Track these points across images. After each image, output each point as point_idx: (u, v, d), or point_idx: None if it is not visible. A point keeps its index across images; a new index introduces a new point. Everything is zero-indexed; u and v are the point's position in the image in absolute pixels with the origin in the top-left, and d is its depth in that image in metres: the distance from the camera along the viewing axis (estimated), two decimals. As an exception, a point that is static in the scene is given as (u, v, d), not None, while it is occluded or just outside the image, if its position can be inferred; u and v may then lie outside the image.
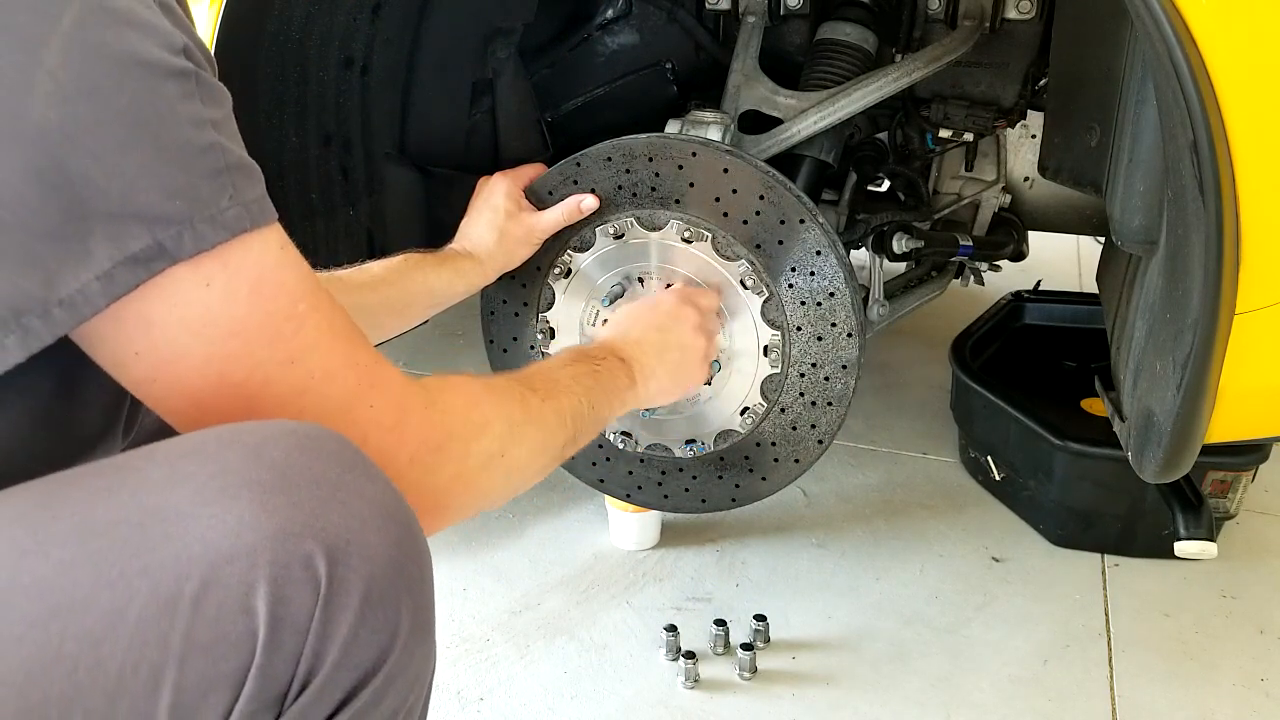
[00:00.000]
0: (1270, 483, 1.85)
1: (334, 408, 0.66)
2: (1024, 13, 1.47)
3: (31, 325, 0.55)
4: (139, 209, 0.56)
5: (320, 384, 0.65)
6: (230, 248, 0.59)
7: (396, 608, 0.58)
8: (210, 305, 0.59)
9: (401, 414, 0.70)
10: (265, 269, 0.62)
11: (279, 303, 0.63)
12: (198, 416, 0.63)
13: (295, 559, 0.54)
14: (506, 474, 0.81)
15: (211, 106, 0.60)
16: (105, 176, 0.55)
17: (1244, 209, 0.91)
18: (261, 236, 0.62)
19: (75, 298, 0.56)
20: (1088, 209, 1.84)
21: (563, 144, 1.71)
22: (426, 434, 0.71)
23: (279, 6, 1.31)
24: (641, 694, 1.37)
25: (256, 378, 0.62)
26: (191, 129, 0.58)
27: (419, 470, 0.71)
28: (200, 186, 0.58)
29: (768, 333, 1.32)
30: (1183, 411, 1.02)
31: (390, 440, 0.69)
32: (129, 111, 0.55)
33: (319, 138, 1.47)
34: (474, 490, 0.77)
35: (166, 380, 0.61)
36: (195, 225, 0.58)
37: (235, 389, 0.62)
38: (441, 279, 1.26)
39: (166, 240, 0.57)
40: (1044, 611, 1.54)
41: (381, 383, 0.69)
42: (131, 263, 0.56)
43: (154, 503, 0.54)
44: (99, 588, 0.51)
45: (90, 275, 0.55)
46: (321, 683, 0.55)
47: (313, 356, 0.65)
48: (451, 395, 0.76)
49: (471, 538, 1.73)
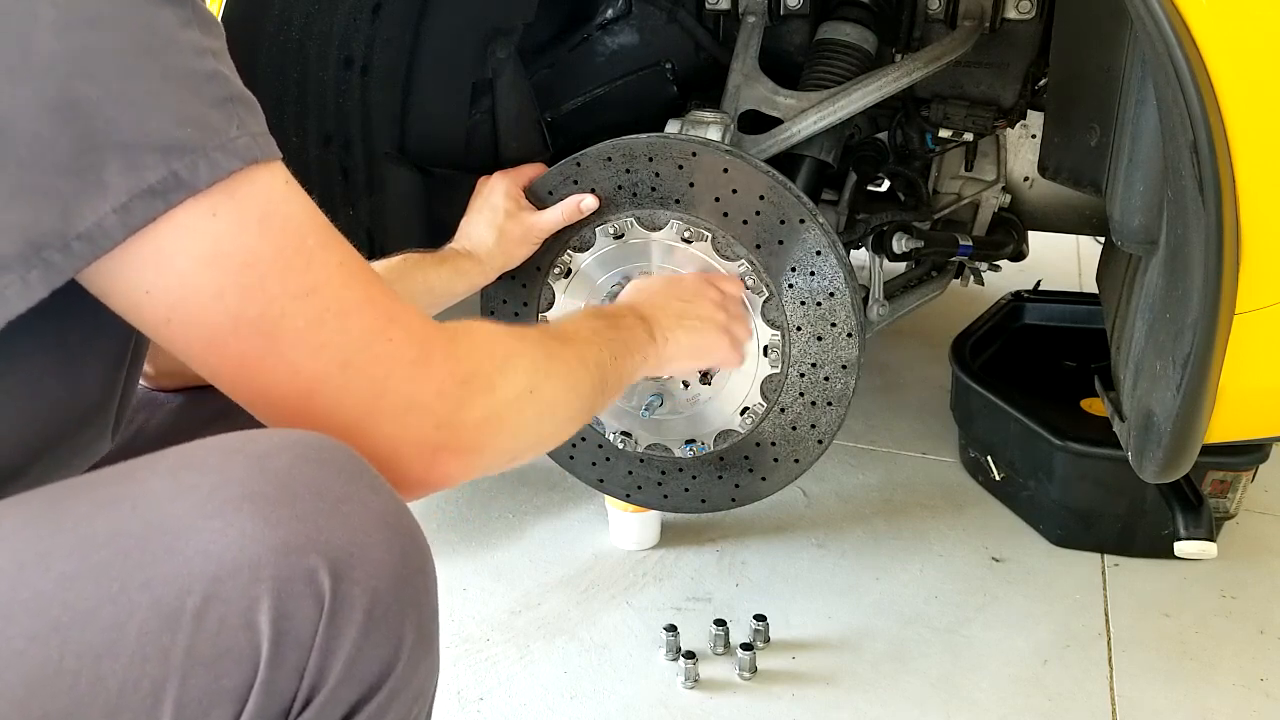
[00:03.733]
0: (1270, 483, 1.84)
1: (353, 342, 0.64)
2: (1024, 13, 1.47)
3: (53, 259, 0.54)
4: (151, 137, 0.55)
5: (337, 318, 0.63)
6: (238, 179, 0.58)
7: (401, 622, 0.57)
8: (219, 236, 0.58)
9: (424, 348, 0.68)
10: (272, 202, 0.61)
11: (288, 236, 0.61)
12: (221, 361, 0.61)
13: (299, 573, 0.53)
14: (538, 412, 0.78)
15: (210, 36, 0.59)
16: (115, 104, 0.54)
17: (1244, 209, 0.91)
18: (268, 169, 0.61)
19: (93, 230, 0.55)
20: (1088, 209, 1.84)
21: (563, 144, 1.71)
22: (452, 367, 0.69)
23: (279, 6, 1.31)
24: (641, 694, 1.37)
25: (272, 311, 0.61)
26: (194, 56, 0.58)
27: (449, 404, 0.68)
28: (209, 114, 0.57)
29: (767, 332, 1.32)
30: (1183, 411, 1.02)
31: (415, 374, 0.66)
32: (133, 38, 0.55)
33: (319, 138, 1.47)
34: (507, 427, 0.74)
35: (181, 319, 0.59)
36: (209, 154, 0.57)
37: (252, 324, 0.60)
38: (441, 278, 1.26)
39: (181, 169, 0.56)
40: (1044, 611, 1.54)
41: (400, 318, 0.67)
42: (149, 194, 0.55)
43: (156, 515, 0.53)
44: (100, 602, 0.51)
45: (107, 207, 0.54)
46: (325, 698, 0.55)
47: (327, 290, 0.63)
48: (473, 334, 0.74)
49: (471, 538, 1.73)
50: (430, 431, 0.67)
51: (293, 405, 0.64)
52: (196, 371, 0.64)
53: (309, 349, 0.63)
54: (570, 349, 0.88)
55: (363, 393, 0.65)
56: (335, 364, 0.64)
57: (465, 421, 0.69)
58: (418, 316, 0.69)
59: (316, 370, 0.63)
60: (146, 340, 0.72)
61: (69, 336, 0.63)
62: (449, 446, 0.69)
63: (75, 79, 0.53)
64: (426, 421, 0.67)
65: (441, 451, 0.68)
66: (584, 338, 0.93)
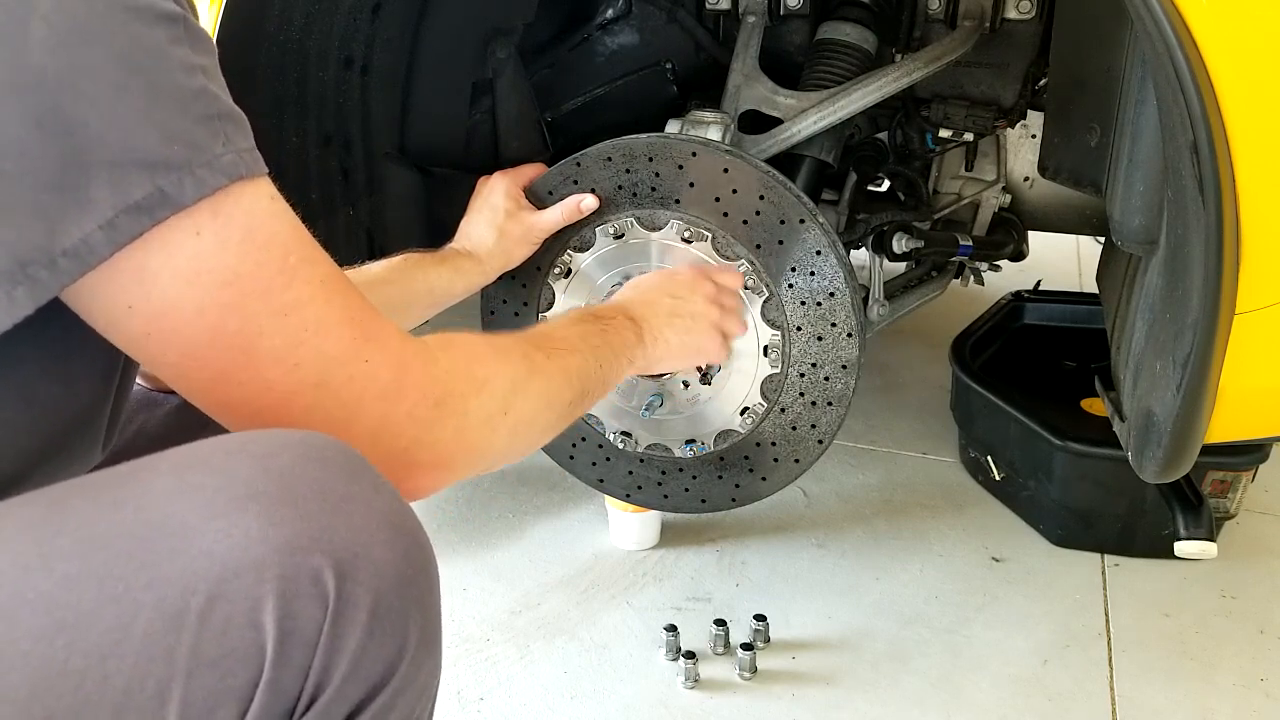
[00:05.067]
0: (1270, 483, 1.84)
1: (330, 362, 0.65)
2: (1024, 13, 1.47)
3: (39, 276, 0.55)
4: (138, 154, 0.55)
5: (315, 337, 0.64)
6: (222, 196, 0.59)
7: (404, 621, 0.57)
8: (201, 253, 0.58)
9: (399, 369, 0.68)
10: (256, 218, 0.61)
11: (271, 253, 0.62)
12: (195, 372, 0.62)
13: (303, 573, 0.53)
14: (511, 431, 0.79)
15: (200, 53, 0.60)
16: (103, 121, 0.54)
17: (1244, 209, 0.91)
18: (254, 186, 0.61)
19: (79, 247, 0.55)
20: (1088, 209, 1.84)
21: (563, 144, 1.71)
22: (426, 388, 0.70)
23: (279, 6, 1.31)
24: (641, 694, 1.37)
25: (250, 329, 0.61)
26: (183, 74, 0.58)
27: (418, 426, 0.69)
28: (196, 132, 0.58)
29: (768, 333, 1.32)
30: (1183, 411, 1.02)
31: (389, 394, 0.67)
32: (123, 55, 0.55)
33: (319, 138, 1.47)
34: (477, 448, 0.75)
35: (161, 333, 0.60)
36: (194, 171, 0.57)
37: (230, 340, 0.61)
38: (441, 278, 1.26)
39: (168, 186, 0.56)
40: (1044, 611, 1.54)
41: (379, 338, 0.68)
42: (135, 211, 0.55)
43: (159, 515, 0.53)
44: (104, 602, 0.51)
45: (93, 224, 0.55)
46: (330, 697, 0.55)
47: (307, 309, 0.63)
48: (453, 352, 0.75)
49: (471, 538, 1.73)
50: (400, 453, 0.69)
51: (263, 419, 0.64)
52: (165, 381, 0.64)
53: (284, 367, 0.63)
54: (554, 361, 0.88)
55: (334, 413, 0.65)
56: (309, 383, 0.64)
57: (435, 441, 0.71)
58: (397, 335, 0.70)
59: (290, 388, 0.64)
60: None
61: (60, 346, 0.63)
62: (419, 464, 0.70)
63: (64, 95, 0.53)
64: (396, 444, 0.68)
65: (412, 468, 0.70)
66: (571, 345, 0.94)
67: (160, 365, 0.62)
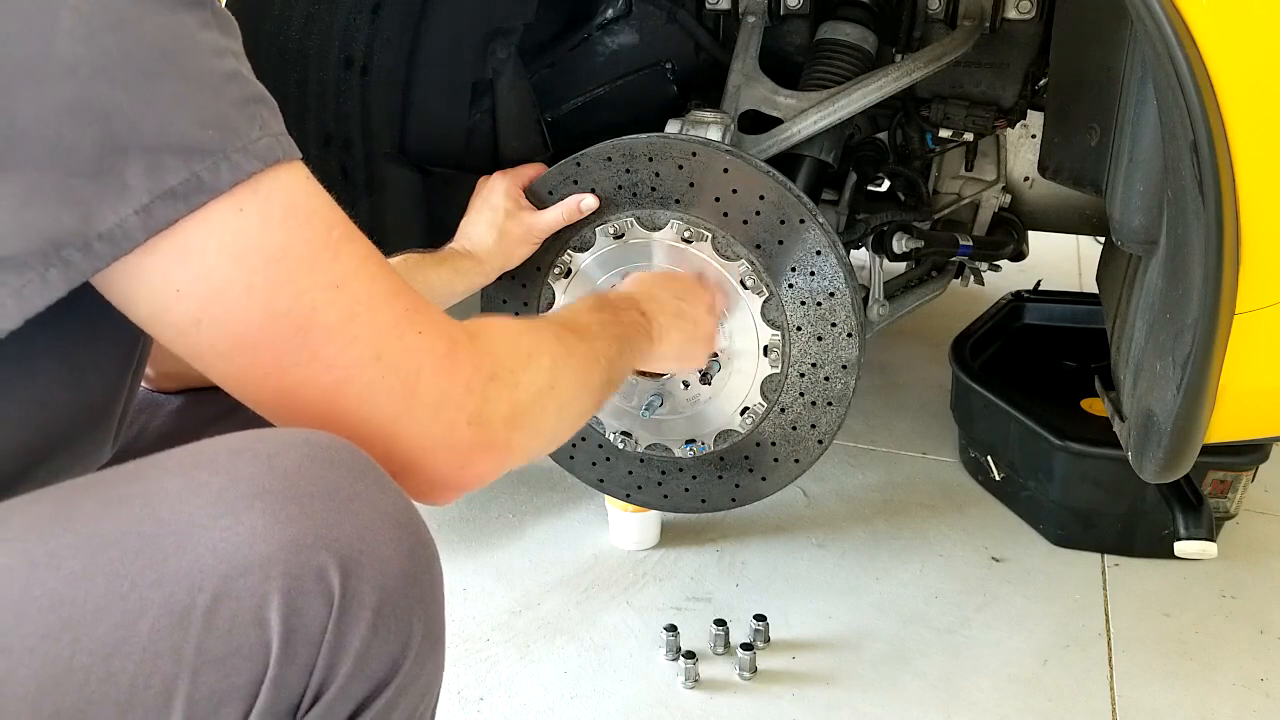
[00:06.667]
0: (1270, 483, 1.85)
1: (385, 335, 0.64)
2: (1024, 13, 1.47)
3: (72, 258, 0.54)
4: (173, 140, 0.55)
5: (367, 310, 0.63)
6: (263, 176, 0.59)
7: (409, 619, 0.58)
8: (247, 231, 0.58)
9: (451, 342, 0.68)
10: (296, 197, 0.61)
11: (314, 229, 0.61)
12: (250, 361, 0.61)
13: (309, 571, 0.54)
14: (559, 408, 0.78)
15: (228, 36, 0.60)
16: (137, 108, 0.54)
17: (1244, 209, 0.91)
18: (290, 168, 0.61)
19: (114, 231, 0.55)
20: (1088, 209, 1.84)
21: (563, 144, 1.71)
22: (478, 361, 0.69)
23: (279, 6, 1.31)
24: (641, 694, 1.37)
25: (303, 304, 0.60)
26: (214, 57, 0.58)
27: (477, 399, 0.68)
28: (230, 115, 0.58)
29: (768, 333, 1.32)
30: (1183, 411, 1.02)
31: (445, 367, 0.66)
32: (154, 41, 0.55)
33: (319, 138, 1.47)
34: (531, 423, 0.73)
35: (212, 321, 0.59)
36: (230, 156, 0.57)
37: (283, 320, 0.60)
38: (441, 278, 1.26)
39: (203, 172, 0.56)
40: (1044, 611, 1.54)
41: (425, 311, 0.67)
42: (170, 197, 0.55)
43: (166, 513, 0.53)
44: (111, 599, 0.51)
45: (129, 210, 0.54)
46: (334, 695, 0.55)
47: (355, 282, 0.63)
48: (491, 329, 0.74)
49: (471, 538, 1.73)
50: (463, 429, 0.67)
51: (320, 407, 0.63)
52: (216, 381, 0.63)
53: (341, 342, 0.62)
54: (584, 344, 0.88)
55: (396, 388, 0.64)
56: (368, 356, 0.63)
57: (494, 417, 0.69)
58: (438, 312, 0.69)
59: (349, 364, 0.63)
60: (148, 348, 0.72)
61: (75, 342, 0.62)
62: (480, 444, 0.68)
63: (97, 82, 0.53)
64: (459, 417, 0.67)
65: (474, 450, 0.68)
66: (594, 332, 0.94)
67: (211, 358, 0.61)
